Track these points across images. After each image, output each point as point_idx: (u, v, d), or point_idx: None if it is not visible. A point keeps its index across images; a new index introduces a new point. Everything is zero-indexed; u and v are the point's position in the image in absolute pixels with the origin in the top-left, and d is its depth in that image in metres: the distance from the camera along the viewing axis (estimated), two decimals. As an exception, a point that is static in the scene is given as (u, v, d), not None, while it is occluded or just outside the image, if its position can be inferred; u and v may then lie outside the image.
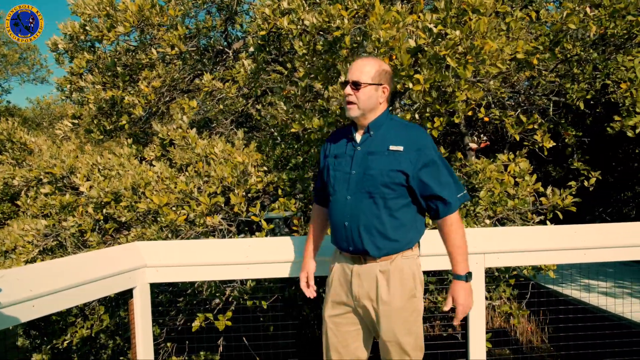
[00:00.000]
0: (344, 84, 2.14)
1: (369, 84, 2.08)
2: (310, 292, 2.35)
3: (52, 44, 4.78)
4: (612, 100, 4.43)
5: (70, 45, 4.68)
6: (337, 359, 2.24)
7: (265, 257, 2.81)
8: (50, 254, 4.13)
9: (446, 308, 2.10)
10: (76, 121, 5.53)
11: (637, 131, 4.11)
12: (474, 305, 2.86)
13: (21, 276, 2.23)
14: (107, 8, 4.18)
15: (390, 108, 4.10)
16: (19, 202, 4.57)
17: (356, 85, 2.08)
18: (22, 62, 15.98)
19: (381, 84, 2.11)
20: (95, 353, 4.37)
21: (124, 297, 3.14)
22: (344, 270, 2.20)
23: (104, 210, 3.69)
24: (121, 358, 4.01)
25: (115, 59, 4.68)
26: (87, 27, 4.27)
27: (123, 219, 3.51)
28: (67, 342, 4.08)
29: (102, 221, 3.84)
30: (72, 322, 4.16)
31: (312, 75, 3.66)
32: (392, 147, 2.06)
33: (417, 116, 3.44)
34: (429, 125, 3.46)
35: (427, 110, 3.41)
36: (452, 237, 2.07)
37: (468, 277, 2.06)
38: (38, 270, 2.39)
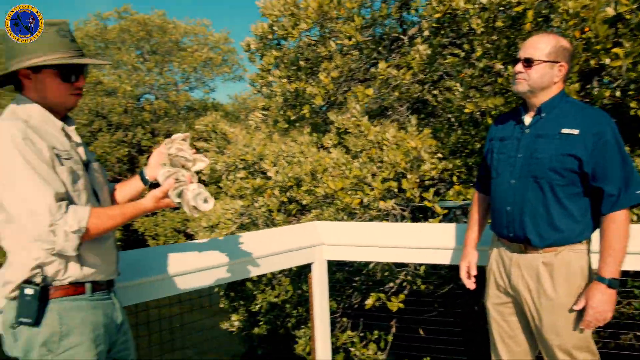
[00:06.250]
0: (515, 61, 2.00)
1: (543, 61, 1.91)
2: (471, 284, 2.27)
3: (246, 44, 5.39)
4: None
5: (260, 44, 5.22)
6: (505, 350, 2.13)
7: (436, 242, 2.79)
8: (245, 230, 4.73)
9: (576, 307, 1.87)
10: (265, 113, 6.18)
11: None
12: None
13: (222, 245, 2.60)
14: (292, 8, 4.55)
15: (588, 86, 3.64)
16: (221, 184, 5.32)
17: (528, 62, 1.93)
18: (224, 63, 18.34)
19: (557, 62, 1.92)
20: (282, 320, 4.89)
21: (305, 271, 3.44)
22: (502, 258, 2.09)
23: (288, 193, 4.08)
24: (302, 326, 4.41)
25: (299, 54, 5.08)
26: (274, 27, 4.71)
27: (304, 202, 3.83)
28: (258, 306, 4.66)
29: (286, 203, 4.26)
30: (262, 289, 4.73)
31: (491, 54, 3.46)
32: (564, 130, 1.88)
33: (617, 94, 3.00)
34: (633, 104, 2.98)
35: (632, 87, 2.95)
36: (610, 236, 1.83)
37: (612, 283, 1.81)
38: (235, 241, 2.74)
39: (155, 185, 1.79)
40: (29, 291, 1.51)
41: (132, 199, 1.93)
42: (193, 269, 2.36)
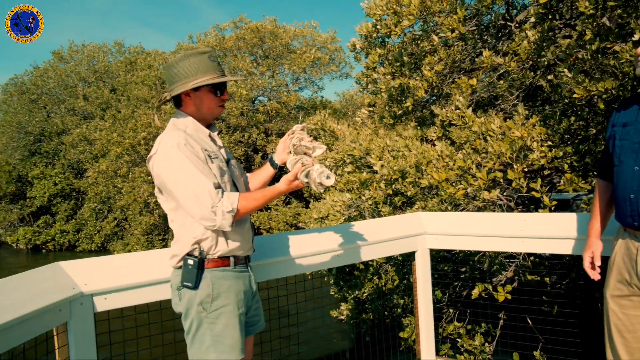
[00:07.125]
0: (638, 42, 1.94)
1: None
2: (595, 274, 2.22)
3: (351, 45, 5.62)
4: None
5: (365, 43, 5.42)
6: (622, 345, 2.07)
7: (542, 232, 2.78)
8: (352, 222, 4.97)
9: None
10: (371, 109, 6.37)
11: None
12: None
13: (333, 232, 2.85)
14: (394, 6, 4.68)
15: None
16: (330, 179, 5.61)
17: None
18: (331, 62, 18.87)
19: None
20: (388, 309, 5.06)
21: (409, 260, 3.58)
22: (628, 248, 2.03)
23: (393, 186, 4.24)
24: (408, 315, 4.55)
25: (402, 50, 5.19)
26: (378, 26, 4.88)
27: (409, 193, 3.96)
28: (365, 294, 4.88)
29: (392, 195, 4.42)
30: (369, 278, 4.95)
31: (603, 36, 3.31)
32: None
33: None
34: None
35: None
36: None
37: None
38: (344, 229, 2.99)
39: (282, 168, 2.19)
40: (190, 262, 1.95)
41: (264, 182, 2.34)
42: (309, 252, 2.66)
